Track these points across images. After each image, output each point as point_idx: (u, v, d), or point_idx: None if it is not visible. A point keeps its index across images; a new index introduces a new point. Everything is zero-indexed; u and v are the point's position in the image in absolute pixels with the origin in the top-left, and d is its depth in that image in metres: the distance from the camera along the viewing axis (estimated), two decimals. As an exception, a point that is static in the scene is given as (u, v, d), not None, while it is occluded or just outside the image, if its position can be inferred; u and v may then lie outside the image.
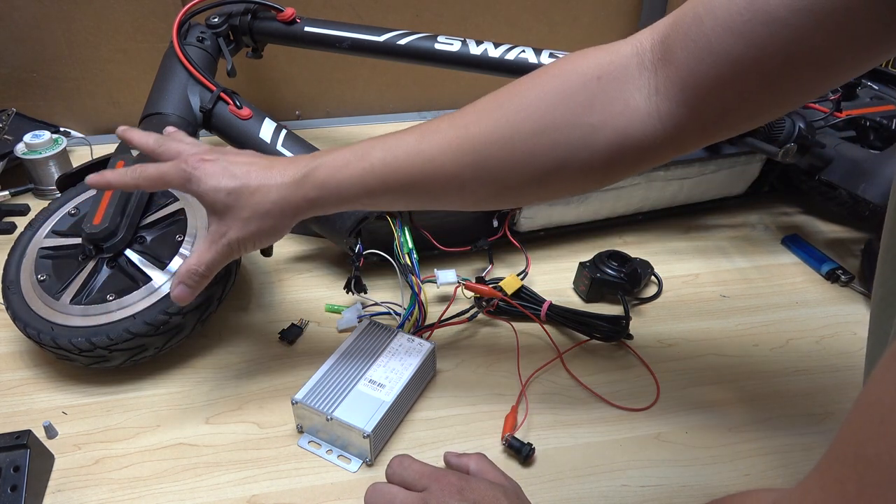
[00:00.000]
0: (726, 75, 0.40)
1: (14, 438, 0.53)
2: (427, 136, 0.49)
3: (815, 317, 0.74)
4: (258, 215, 0.50)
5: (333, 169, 0.50)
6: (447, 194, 0.50)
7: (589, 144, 0.45)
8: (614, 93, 0.44)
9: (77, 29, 0.98)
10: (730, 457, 0.58)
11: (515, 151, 0.46)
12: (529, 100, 0.46)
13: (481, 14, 1.09)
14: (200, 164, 0.50)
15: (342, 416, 0.55)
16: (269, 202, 0.50)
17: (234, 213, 0.50)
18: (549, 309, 0.69)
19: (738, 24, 0.38)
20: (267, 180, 0.50)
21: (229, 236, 0.50)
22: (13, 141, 0.92)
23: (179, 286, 0.51)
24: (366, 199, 0.50)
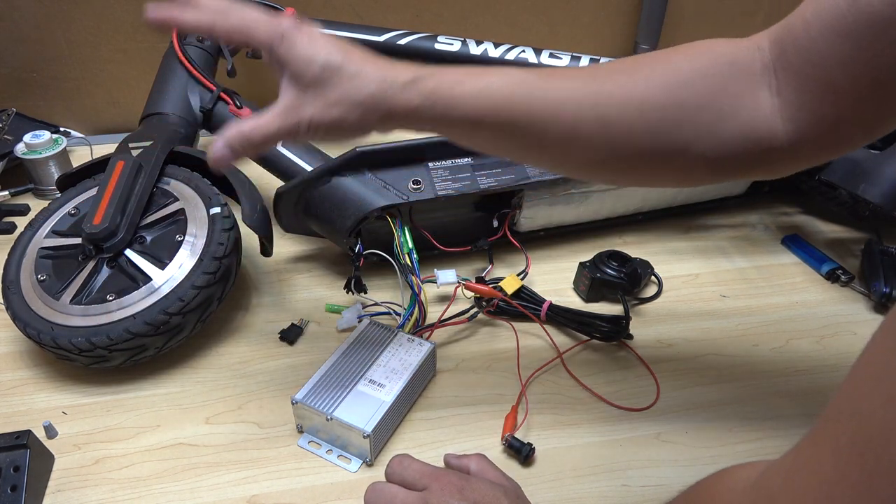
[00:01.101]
0: (838, 79, 0.39)
1: (14, 438, 0.53)
2: (552, 78, 0.46)
3: (815, 317, 0.74)
4: (349, 102, 0.44)
5: (446, 82, 0.45)
6: (556, 144, 0.46)
7: (716, 132, 0.43)
8: (745, 82, 0.43)
9: (77, 29, 0.98)
10: (730, 457, 0.58)
11: (642, 119, 0.44)
12: (662, 73, 0.44)
13: (481, 14, 1.09)
14: (299, 26, 0.44)
15: (342, 415, 0.55)
16: (365, 92, 0.44)
17: (321, 90, 0.44)
18: (549, 309, 0.69)
19: (844, 25, 0.37)
20: (368, 69, 0.44)
21: (305, 112, 0.44)
22: (13, 141, 0.92)
23: (223, 147, 0.45)
24: (466, 127, 0.46)
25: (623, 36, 1.17)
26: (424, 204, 0.71)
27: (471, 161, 0.74)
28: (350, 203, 0.70)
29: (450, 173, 0.73)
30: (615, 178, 0.50)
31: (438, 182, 0.72)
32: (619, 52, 1.17)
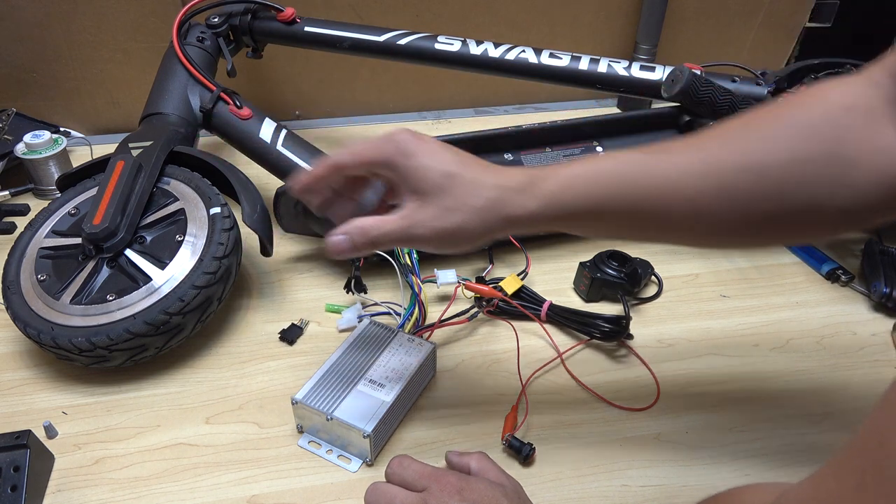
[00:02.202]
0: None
1: (14, 438, 0.53)
2: (661, 155, 0.45)
3: (815, 317, 0.74)
4: (468, 208, 0.44)
5: (558, 180, 0.45)
6: (680, 221, 0.45)
7: (847, 182, 0.41)
8: (867, 125, 0.41)
9: (77, 29, 0.98)
10: (730, 457, 0.58)
11: (764, 182, 0.42)
12: (775, 129, 0.43)
13: (481, 14, 1.09)
14: (416, 137, 0.46)
15: (342, 415, 0.55)
16: (482, 198, 0.44)
17: (440, 197, 0.45)
18: (549, 309, 0.69)
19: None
20: (484, 177, 0.45)
21: (426, 219, 0.45)
22: (13, 141, 0.92)
23: (343, 237, 0.47)
24: (589, 219, 0.46)
25: (623, 36, 1.17)
26: (424, 204, 0.71)
27: (471, 161, 0.74)
28: (350, 203, 0.70)
29: (450, 173, 0.73)
30: (745, 243, 0.49)
31: (438, 182, 0.72)
32: (619, 52, 1.17)
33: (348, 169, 0.48)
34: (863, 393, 0.65)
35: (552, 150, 0.76)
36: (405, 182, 0.46)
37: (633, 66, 0.84)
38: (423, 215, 0.45)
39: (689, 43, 1.19)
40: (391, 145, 0.46)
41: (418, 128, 1.18)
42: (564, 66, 0.83)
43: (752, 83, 0.83)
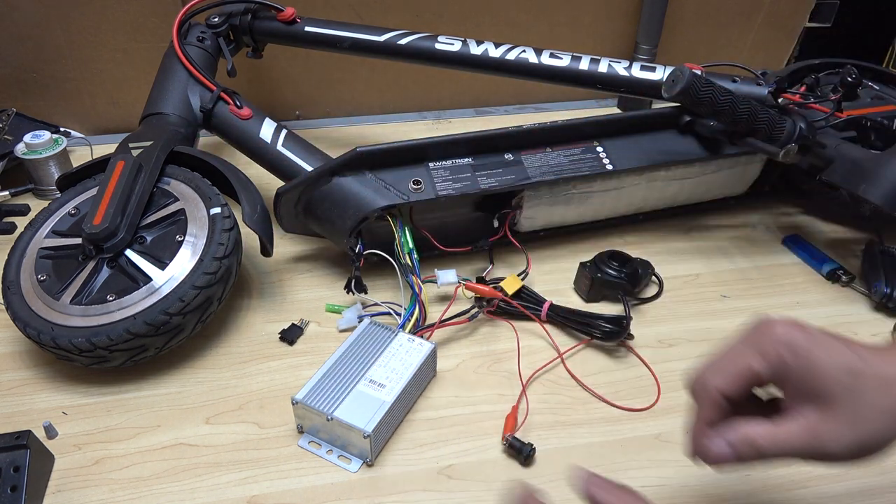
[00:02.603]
0: None
1: (14, 439, 0.53)
2: None
3: (815, 317, 0.74)
4: (882, 411, 0.36)
5: None
6: None
7: None
8: None
9: (77, 29, 0.98)
10: (730, 457, 0.58)
11: None
12: None
13: (481, 14, 1.09)
14: (790, 328, 0.39)
15: (342, 416, 0.55)
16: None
17: (847, 403, 0.36)
18: (549, 309, 0.69)
19: None
20: (889, 368, 0.37)
21: (834, 433, 0.37)
22: (13, 141, 0.92)
23: (722, 444, 0.39)
24: None
25: (623, 36, 1.17)
26: (425, 204, 0.71)
27: (471, 161, 0.74)
28: (350, 203, 0.70)
29: (450, 173, 0.73)
30: None
31: (439, 182, 0.72)
32: (619, 52, 1.17)
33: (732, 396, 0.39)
34: (863, 393, 0.64)
35: (552, 150, 0.76)
36: (796, 385, 0.38)
37: (633, 67, 0.83)
38: (833, 426, 0.37)
39: (690, 43, 1.19)
40: (772, 343, 0.39)
41: (418, 128, 1.18)
42: (565, 66, 0.83)
43: (752, 83, 0.83)
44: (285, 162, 0.77)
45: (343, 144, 1.04)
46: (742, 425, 0.39)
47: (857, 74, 0.82)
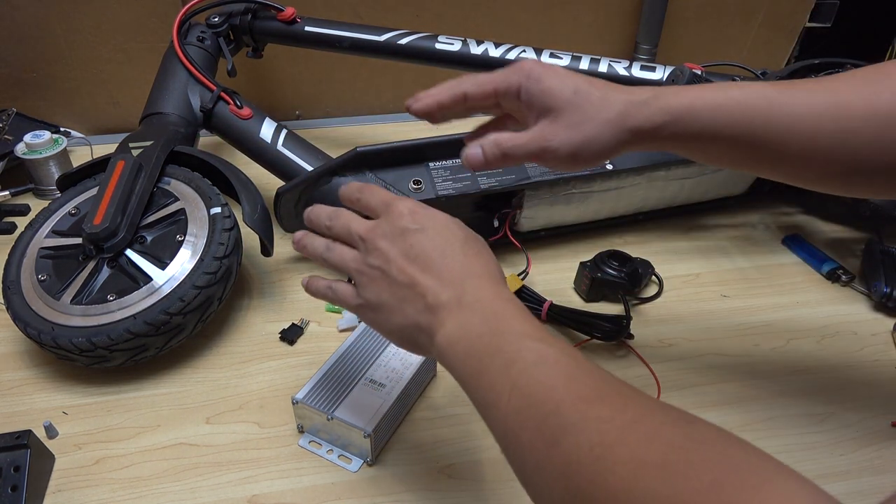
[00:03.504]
0: None
1: (14, 438, 0.53)
2: (789, 90, 0.45)
3: (815, 317, 0.74)
4: (598, 120, 0.46)
5: (684, 97, 0.46)
6: (796, 158, 0.45)
7: None
8: None
9: (77, 29, 0.98)
10: (730, 457, 0.58)
11: (888, 131, 0.42)
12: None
13: (481, 14, 1.09)
14: (541, 63, 0.48)
15: (343, 415, 0.55)
16: (614, 111, 0.46)
17: (571, 112, 0.46)
18: (549, 309, 0.69)
19: None
20: (612, 92, 0.47)
21: (556, 133, 0.46)
22: (13, 141, 0.91)
23: (476, 148, 0.48)
24: (706, 141, 0.46)
25: (623, 36, 1.17)
26: (425, 204, 0.71)
27: (471, 161, 0.74)
28: (350, 203, 0.70)
29: (450, 173, 0.73)
30: (854, 191, 0.49)
31: (439, 182, 0.72)
32: (620, 52, 1.17)
33: (472, 100, 0.48)
34: (863, 393, 0.65)
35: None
36: (534, 106, 0.47)
37: (633, 67, 0.84)
38: (556, 128, 0.46)
39: (690, 43, 1.19)
40: (519, 73, 0.47)
41: (418, 128, 1.18)
42: (565, 66, 0.83)
43: (752, 83, 0.83)
44: (285, 162, 0.77)
45: (343, 144, 1.04)
46: (493, 133, 0.48)
47: (857, 74, 0.82)
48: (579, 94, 0.46)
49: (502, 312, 0.40)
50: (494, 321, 0.40)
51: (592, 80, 0.47)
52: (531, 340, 0.38)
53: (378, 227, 0.45)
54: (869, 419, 0.62)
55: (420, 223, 0.44)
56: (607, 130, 0.46)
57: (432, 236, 0.44)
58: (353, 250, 0.46)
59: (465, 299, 0.41)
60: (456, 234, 0.45)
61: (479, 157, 0.48)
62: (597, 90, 0.47)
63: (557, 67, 0.48)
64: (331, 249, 0.48)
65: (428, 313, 0.42)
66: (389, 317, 0.44)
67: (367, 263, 0.45)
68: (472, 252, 0.44)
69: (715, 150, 0.47)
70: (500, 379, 0.37)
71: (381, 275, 0.44)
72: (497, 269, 0.44)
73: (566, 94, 0.46)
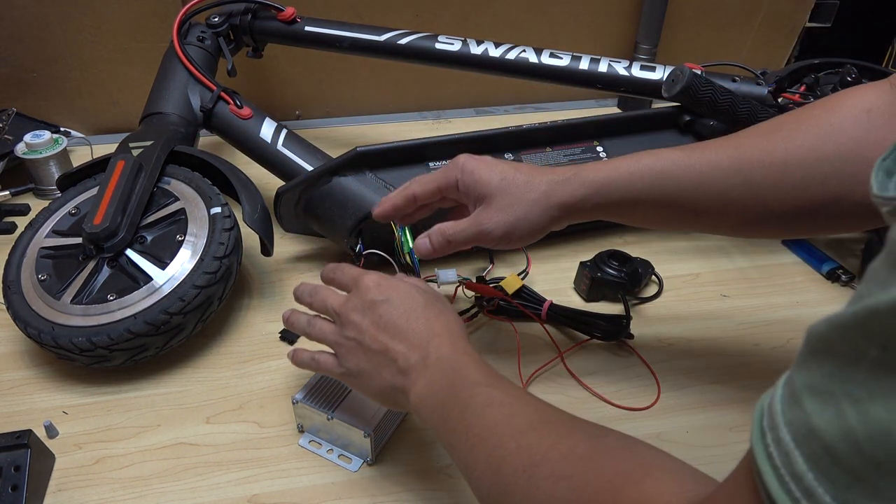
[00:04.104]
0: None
1: (15, 438, 0.53)
2: (696, 152, 0.50)
3: (815, 316, 0.73)
4: (525, 202, 0.51)
5: (601, 171, 0.51)
6: (710, 213, 0.50)
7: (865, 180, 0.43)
8: (887, 127, 0.44)
9: (77, 29, 0.98)
10: (730, 457, 0.57)
11: (786, 178, 0.46)
12: (800, 131, 0.47)
13: (481, 14, 1.09)
14: (474, 157, 0.54)
15: (343, 415, 0.55)
16: (539, 191, 0.51)
17: (501, 198, 0.51)
18: (549, 308, 0.69)
19: None
20: (536, 175, 0.52)
21: (489, 216, 0.52)
22: (13, 141, 0.92)
23: (424, 238, 0.55)
24: (627, 206, 0.51)
25: (623, 36, 1.17)
26: (425, 204, 0.71)
27: (471, 161, 0.74)
28: (350, 203, 0.70)
29: (450, 173, 0.73)
30: (772, 234, 0.55)
31: (439, 182, 0.72)
32: (619, 52, 1.17)
33: (421, 198, 0.55)
34: (863, 392, 0.64)
35: (552, 149, 0.76)
36: (470, 195, 0.53)
37: (633, 66, 0.84)
38: (489, 213, 0.52)
39: (690, 43, 1.19)
40: (454, 169, 0.54)
41: (418, 128, 1.18)
42: (565, 65, 0.83)
43: (752, 83, 0.83)
44: (285, 162, 0.77)
45: (343, 144, 1.04)
46: (438, 225, 0.55)
47: (857, 74, 0.82)
48: (506, 181, 0.52)
49: (459, 365, 0.45)
50: (452, 374, 0.45)
51: (518, 166, 0.53)
52: (481, 387, 0.43)
53: (349, 302, 0.50)
54: (869, 419, 0.62)
55: (385, 294, 0.49)
56: (535, 209, 0.51)
57: (397, 304, 0.48)
58: (332, 324, 0.52)
59: (429, 360, 0.46)
60: (417, 299, 0.49)
61: (427, 246, 0.55)
62: (522, 174, 0.52)
63: (487, 159, 0.54)
64: (311, 325, 0.53)
65: (401, 376, 0.47)
66: (369, 382, 0.49)
67: (343, 336, 0.50)
68: (433, 313, 0.49)
69: (639, 214, 0.52)
70: (458, 424, 0.42)
71: (356, 345, 0.49)
72: (456, 325, 0.49)
73: (494, 181, 0.52)
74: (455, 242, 0.54)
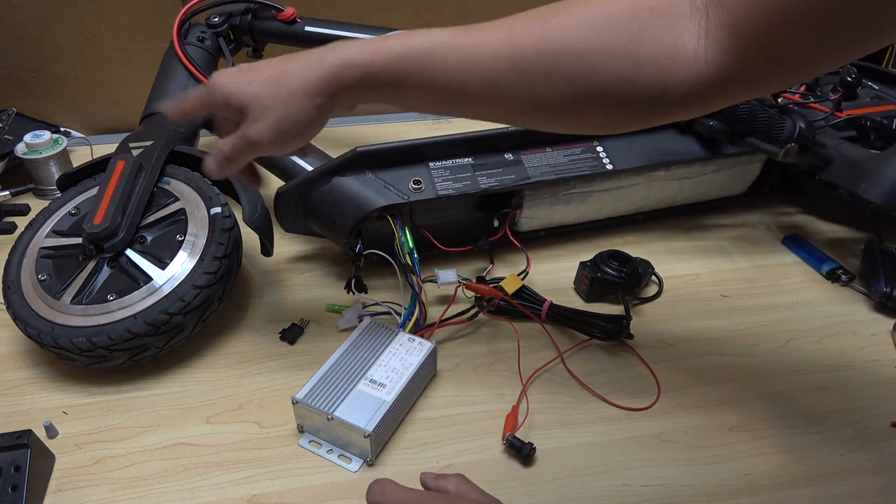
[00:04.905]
0: (776, 24, 0.38)
1: (15, 438, 0.53)
2: (467, 32, 0.47)
3: (815, 317, 0.74)
4: (281, 99, 0.48)
5: (364, 50, 0.47)
6: (479, 96, 0.47)
7: (632, 78, 0.43)
8: (664, 29, 0.43)
9: (77, 29, 0.98)
10: (730, 457, 0.58)
11: (555, 68, 0.44)
12: (577, 19, 0.44)
13: (481, 14, 1.09)
14: (217, 75, 0.50)
15: (343, 415, 0.55)
16: (292, 83, 0.48)
17: (256, 105, 0.48)
18: (549, 308, 0.69)
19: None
20: (286, 66, 0.49)
21: (254, 120, 0.49)
22: (13, 141, 0.91)
23: (208, 160, 0.52)
24: (394, 89, 0.48)
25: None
26: (425, 204, 0.71)
27: (471, 161, 0.74)
28: (350, 203, 0.70)
29: (450, 173, 0.73)
30: (543, 125, 0.50)
31: (439, 182, 0.72)
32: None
33: (192, 115, 0.53)
34: (863, 393, 0.65)
35: (552, 149, 0.76)
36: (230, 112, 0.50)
37: (633, 66, 0.83)
38: (251, 123, 0.49)
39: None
40: (206, 92, 0.51)
41: (418, 128, 1.18)
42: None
43: (752, 83, 0.83)
44: (286, 162, 0.77)
45: (343, 144, 1.04)
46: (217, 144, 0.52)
47: (857, 74, 0.82)
48: (254, 84, 0.48)
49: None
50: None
51: (270, 61, 0.50)
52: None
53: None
54: (869, 419, 0.62)
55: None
56: (294, 103, 0.48)
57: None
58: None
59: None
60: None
61: (211, 167, 0.52)
62: (270, 70, 0.49)
63: (241, 67, 0.50)
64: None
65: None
66: None
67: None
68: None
69: (410, 98, 0.49)
70: None
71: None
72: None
73: (244, 90, 0.49)
74: (234, 158, 0.51)
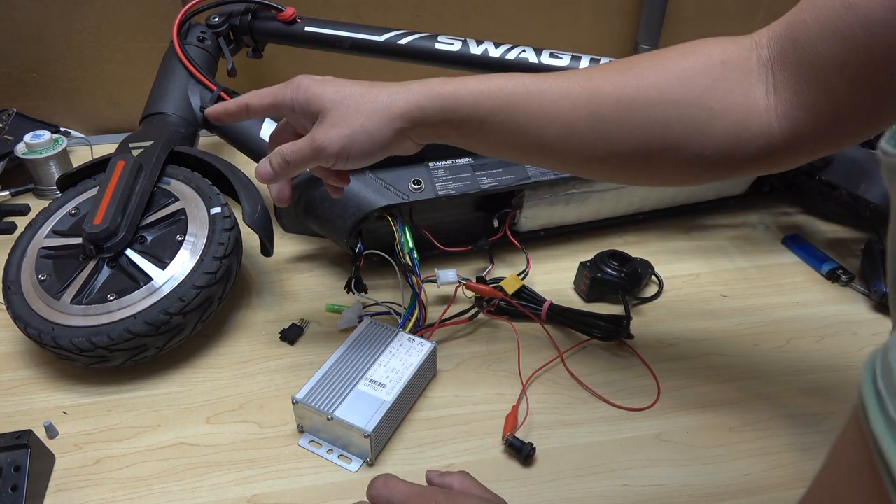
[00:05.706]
0: (835, 80, 0.39)
1: (15, 438, 0.53)
2: (549, 79, 0.48)
3: (815, 317, 0.74)
4: (362, 114, 0.48)
5: (449, 84, 0.48)
6: (555, 142, 0.48)
7: (706, 129, 0.44)
8: (737, 81, 0.44)
9: (77, 29, 0.98)
10: (730, 457, 0.58)
11: (632, 117, 0.46)
12: (653, 71, 0.46)
13: (481, 14, 1.09)
14: (303, 77, 0.51)
15: (343, 415, 0.55)
16: (377, 102, 0.48)
17: (337, 110, 0.49)
18: (549, 309, 0.69)
19: (840, 28, 0.38)
20: (375, 87, 0.49)
21: (325, 131, 0.49)
22: (13, 141, 0.92)
23: (265, 162, 0.52)
24: (474, 127, 0.49)
25: (623, 36, 1.17)
26: (425, 204, 0.71)
27: (471, 161, 0.74)
28: (350, 203, 0.70)
29: (450, 173, 0.73)
30: (614, 176, 0.52)
31: (439, 182, 0.72)
32: (620, 52, 1.17)
33: (254, 110, 0.53)
34: (863, 393, 0.65)
35: (552, 149, 0.77)
36: (306, 114, 0.50)
37: (633, 66, 0.83)
38: (324, 128, 0.49)
39: (690, 43, 1.19)
40: (289, 86, 0.51)
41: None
42: (565, 65, 0.83)
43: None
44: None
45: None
46: (279, 146, 0.51)
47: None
48: (340, 94, 0.49)
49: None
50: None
51: (359, 81, 0.50)
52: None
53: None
54: (869, 419, 0.62)
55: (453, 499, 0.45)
56: (373, 119, 0.48)
57: None
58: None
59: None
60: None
61: (267, 169, 0.52)
62: (359, 87, 0.49)
63: (328, 77, 0.51)
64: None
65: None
66: None
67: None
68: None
69: (488, 137, 0.50)
70: None
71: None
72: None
73: (329, 95, 0.49)
74: (294, 163, 0.50)
